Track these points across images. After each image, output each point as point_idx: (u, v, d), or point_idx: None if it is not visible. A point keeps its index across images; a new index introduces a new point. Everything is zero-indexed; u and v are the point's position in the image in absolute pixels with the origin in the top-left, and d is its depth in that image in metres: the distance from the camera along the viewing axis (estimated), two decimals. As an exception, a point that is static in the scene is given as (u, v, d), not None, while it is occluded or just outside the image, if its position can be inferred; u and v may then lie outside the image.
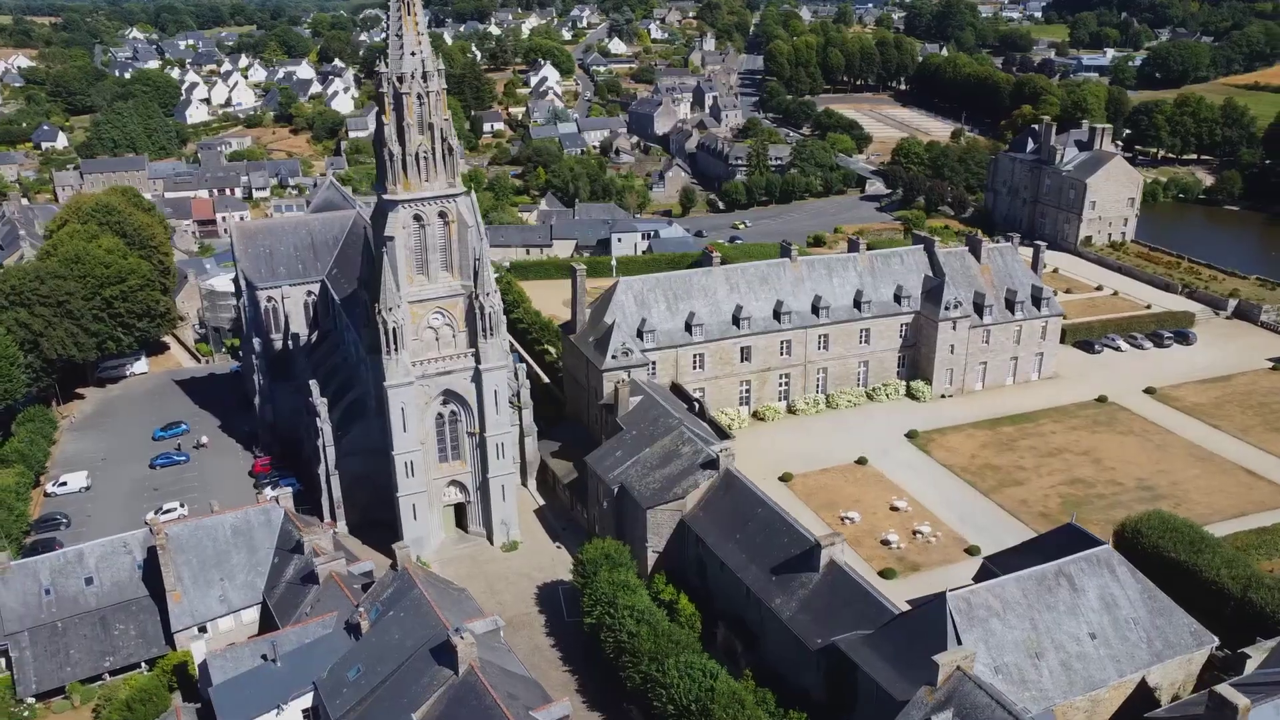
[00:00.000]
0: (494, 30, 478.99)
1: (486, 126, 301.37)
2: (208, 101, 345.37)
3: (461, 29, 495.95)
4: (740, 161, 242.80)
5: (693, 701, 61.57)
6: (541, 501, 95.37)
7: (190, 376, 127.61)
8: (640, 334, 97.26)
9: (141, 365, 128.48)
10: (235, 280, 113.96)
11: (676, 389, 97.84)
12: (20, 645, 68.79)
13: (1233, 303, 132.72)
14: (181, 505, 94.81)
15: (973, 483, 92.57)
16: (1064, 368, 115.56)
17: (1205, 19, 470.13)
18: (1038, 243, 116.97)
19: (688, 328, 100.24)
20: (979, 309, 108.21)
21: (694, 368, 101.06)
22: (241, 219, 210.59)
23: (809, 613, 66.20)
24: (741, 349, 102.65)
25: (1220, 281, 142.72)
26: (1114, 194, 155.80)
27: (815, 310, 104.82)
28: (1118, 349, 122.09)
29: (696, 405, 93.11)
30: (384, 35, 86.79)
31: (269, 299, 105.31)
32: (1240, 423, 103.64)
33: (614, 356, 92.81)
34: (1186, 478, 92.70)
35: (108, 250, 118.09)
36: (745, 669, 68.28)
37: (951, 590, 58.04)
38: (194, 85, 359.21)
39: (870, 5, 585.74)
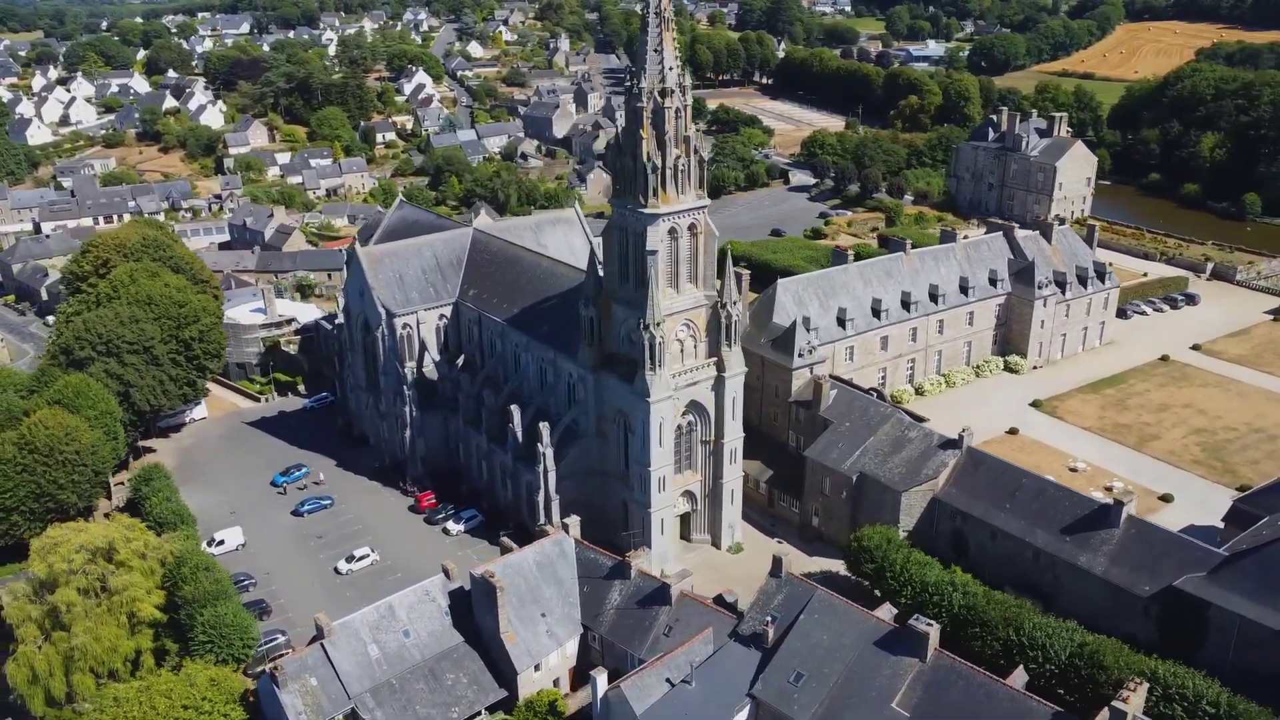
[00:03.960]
0: (332, 35, 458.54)
1: (379, 137, 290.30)
2: (39, 117, 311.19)
3: (290, 35, 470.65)
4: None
5: (1073, 656, 67.00)
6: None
7: (260, 417, 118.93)
8: (805, 331, 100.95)
9: (201, 410, 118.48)
10: (346, 309, 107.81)
11: (837, 380, 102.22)
12: (368, 707, 64.82)
13: (1210, 265, 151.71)
14: (372, 550, 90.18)
15: (1117, 440, 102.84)
16: (1115, 333, 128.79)
17: (1000, 13, 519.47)
18: (1092, 223, 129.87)
19: (840, 322, 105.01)
20: (1060, 286, 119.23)
21: (846, 359, 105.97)
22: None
23: (1123, 565, 73.18)
24: (881, 338, 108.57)
25: (1184, 248, 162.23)
26: (1077, 175, 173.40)
27: (933, 298, 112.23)
28: (1144, 313, 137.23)
29: (874, 394, 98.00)
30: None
31: (404, 326, 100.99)
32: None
33: (800, 355, 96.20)
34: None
35: (177, 289, 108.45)
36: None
37: (1301, 527, 66.45)
38: (15, 101, 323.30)
39: (692, 3, 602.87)
